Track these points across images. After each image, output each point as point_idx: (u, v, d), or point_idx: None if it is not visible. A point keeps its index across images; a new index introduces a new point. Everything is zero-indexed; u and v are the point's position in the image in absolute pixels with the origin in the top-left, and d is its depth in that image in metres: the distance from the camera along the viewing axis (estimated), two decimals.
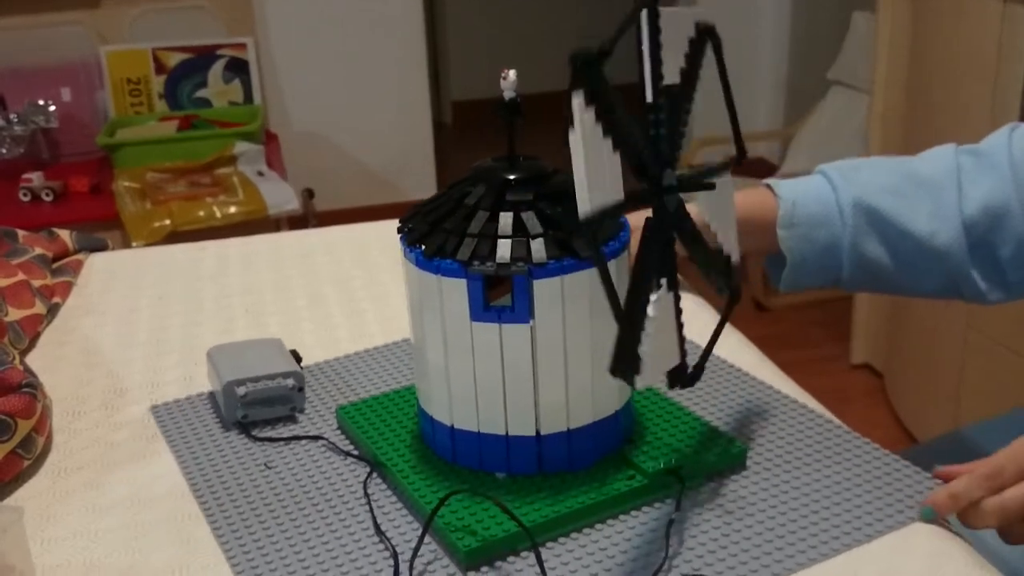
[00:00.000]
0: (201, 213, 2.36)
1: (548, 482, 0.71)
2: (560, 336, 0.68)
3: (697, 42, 0.66)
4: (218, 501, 0.75)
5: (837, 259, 0.89)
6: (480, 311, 0.68)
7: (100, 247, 1.29)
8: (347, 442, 0.81)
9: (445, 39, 4.66)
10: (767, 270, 0.95)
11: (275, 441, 0.82)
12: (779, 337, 2.59)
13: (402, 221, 0.74)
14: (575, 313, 0.68)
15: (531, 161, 0.71)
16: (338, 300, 1.10)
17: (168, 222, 2.32)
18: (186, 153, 2.61)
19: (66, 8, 2.87)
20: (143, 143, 2.66)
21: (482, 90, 4.40)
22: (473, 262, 0.67)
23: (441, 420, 0.73)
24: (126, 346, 1.02)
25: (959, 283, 0.89)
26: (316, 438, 0.82)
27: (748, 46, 3.78)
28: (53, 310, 1.10)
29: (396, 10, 3.34)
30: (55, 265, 1.19)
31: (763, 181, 0.91)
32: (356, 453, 0.79)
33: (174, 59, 2.93)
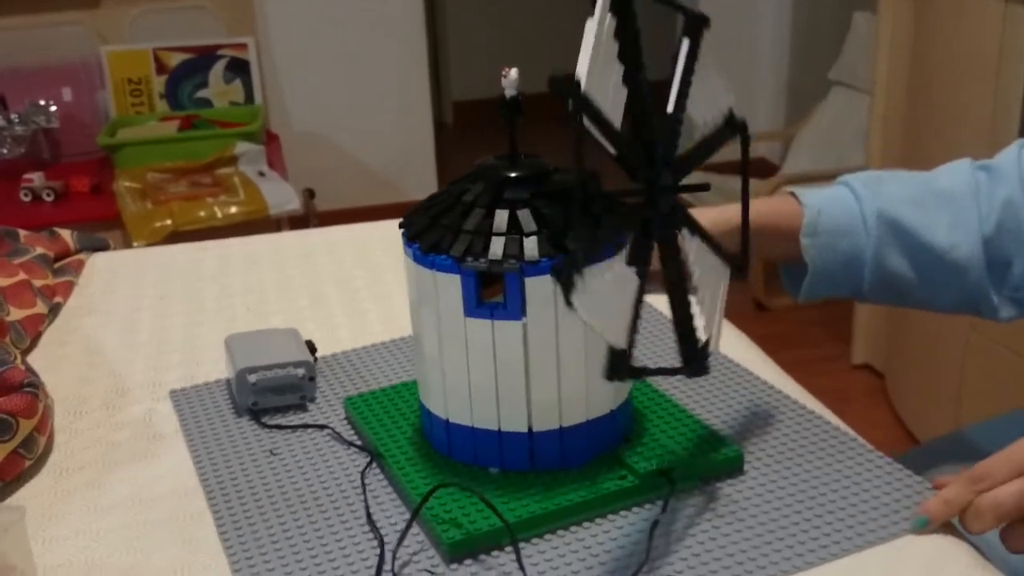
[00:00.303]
0: (202, 213, 2.36)
1: (540, 479, 0.72)
2: (552, 334, 0.68)
3: (724, 131, 0.68)
4: (220, 484, 0.76)
5: (859, 270, 0.88)
6: (473, 307, 0.68)
7: (101, 247, 1.29)
8: (352, 432, 0.82)
9: (446, 39, 4.66)
10: (784, 280, 0.95)
11: (283, 428, 0.83)
12: (780, 337, 2.59)
13: (405, 217, 0.74)
14: (568, 312, 0.67)
15: (532, 159, 0.71)
16: (340, 300, 1.10)
17: (169, 222, 2.32)
18: (187, 153, 2.61)
19: (67, 8, 2.87)
20: (144, 143, 2.66)
21: (483, 90, 4.40)
22: (467, 258, 0.67)
23: (437, 414, 0.74)
24: (128, 346, 1.02)
25: (976, 298, 0.88)
26: (322, 427, 0.83)
27: (749, 46, 3.78)
28: (55, 310, 1.10)
29: (397, 10, 3.35)
30: (56, 265, 1.19)
31: (787, 189, 0.91)
32: (359, 443, 0.80)
33: (175, 59, 2.93)
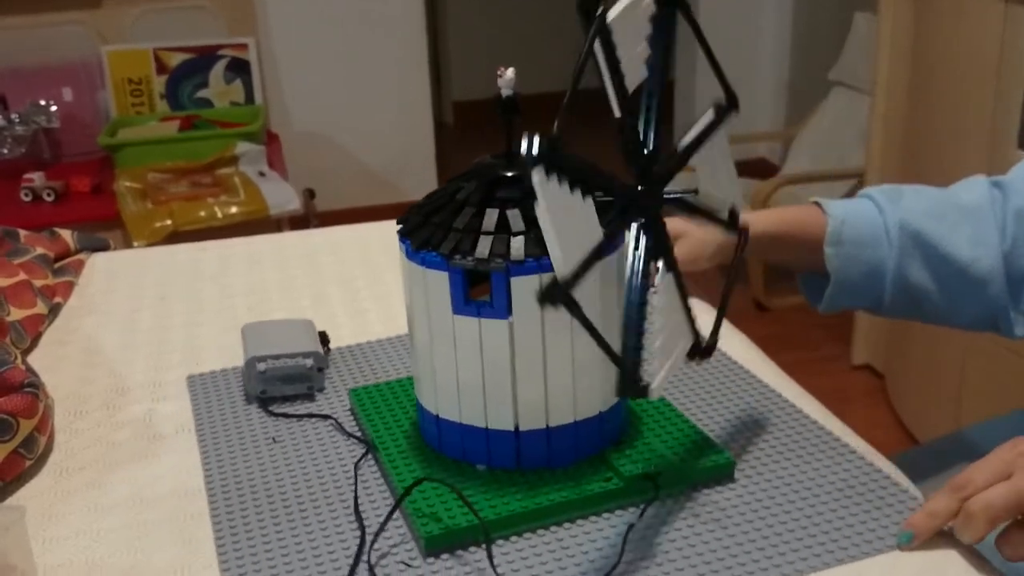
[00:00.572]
0: (202, 213, 2.36)
1: (525, 477, 0.72)
2: (539, 334, 0.68)
3: (660, 16, 0.64)
4: (220, 467, 0.79)
5: (880, 281, 0.88)
6: (461, 304, 0.69)
7: (102, 247, 1.29)
8: (355, 424, 0.83)
9: (446, 39, 4.66)
10: (803, 290, 0.94)
11: (289, 417, 0.85)
12: (780, 338, 2.59)
13: (404, 215, 0.75)
14: (554, 312, 0.67)
15: None
16: (341, 299, 1.10)
17: (169, 222, 2.32)
18: (187, 153, 2.61)
19: (67, 8, 2.87)
20: (144, 143, 2.66)
21: (483, 90, 4.40)
22: (455, 256, 0.68)
23: (428, 409, 0.75)
24: (128, 346, 1.02)
25: (995, 313, 0.88)
26: (326, 417, 0.85)
27: (749, 47, 3.78)
28: (55, 310, 1.10)
29: (397, 10, 3.35)
30: (57, 265, 1.20)
31: (811, 199, 0.91)
32: (359, 435, 0.82)
33: (175, 59, 2.93)
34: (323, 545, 0.68)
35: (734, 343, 0.95)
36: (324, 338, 0.93)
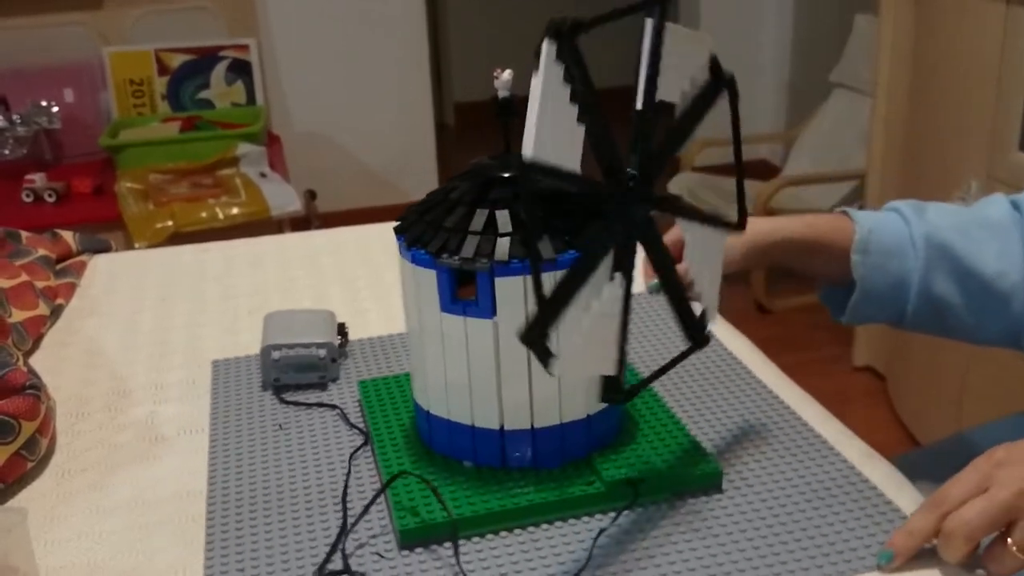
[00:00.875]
0: (203, 214, 2.36)
1: (509, 476, 0.72)
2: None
3: (711, 86, 0.66)
4: (225, 450, 0.81)
5: (905, 293, 0.88)
6: (448, 303, 0.69)
7: (103, 248, 1.29)
8: (360, 415, 0.84)
9: (447, 40, 4.66)
10: (825, 301, 0.94)
11: (299, 405, 0.87)
12: (782, 339, 2.59)
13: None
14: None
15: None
16: (343, 300, 1.10)
17: (170, 223, 2.32)
18: (189, 154, 2.61)
19: (69, 9, 2.87)
20: (146, 144, 2.66)
21: (484, 91, 4.38)
22: (442, 255, 0.68)
23: (420, 404, 0.76)
24: (129, 348, 1.02)
25: (1019, 330, 0.88)
26: (333, 407, 0.86)
27: (750, 48, 3.78)
28: (56, 311, 1.10)
29: (398, 11, 3.35)
30: (59, 266, 1.20)
31: (839, 209, 0.91)
32: (361, 426, 0.83)
33: (177, 60, 2.93)
34: (305, 532, 0.70)
35: (735, 345, 0.95)
36: (342, 330, 0.95)
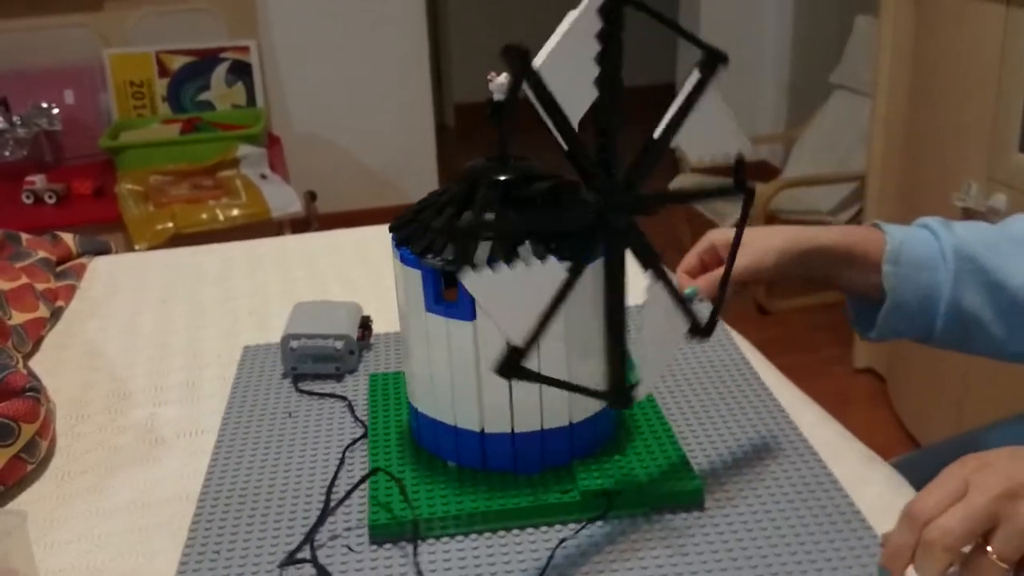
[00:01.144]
0: (204, 216, 2.36)
1: (488, 479, 0.72)
2: (504, 339, 0.68)
3: (606, 28, 0.62)
4: (233, 432, 0.83)
5: (934, 307, 0.88)
6: (432, 303, 0.70)
7: (103, 251, 1.29)
8: (367, 408, 0.85)
9: (448, 42, 4.66)
10: (851, 317, 0.94)
11: (312, 395, 0.89)
12: (782, 341, 2.59)
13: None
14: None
15: (522, 163, 0.71)
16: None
17: (171, 225, 2.32)
18: (189, 156, 2.61)
19: (69, 10, 2.88)
20: (146, 146, 2.66)
21: (484, 92, 4.36)
22: (427, 255, 0.69)
23: (411, 401, 0.77)
24: (129, 350, 1.02)
25: None
26: (342, 398, 0.87)
27: (751, 49, 3.78)
28: (56, 314, 1.10)
29: (398, 11, 3.35)
30: (59, 269, 1.20)
31: (871, 222, 0.91)
32: (364, 419, 0.84)
33: (177, 62, 2.93)
34: (286, 521, 0.71)
35: (736, 346, 0.95)
36: (366, 323, 0.96)
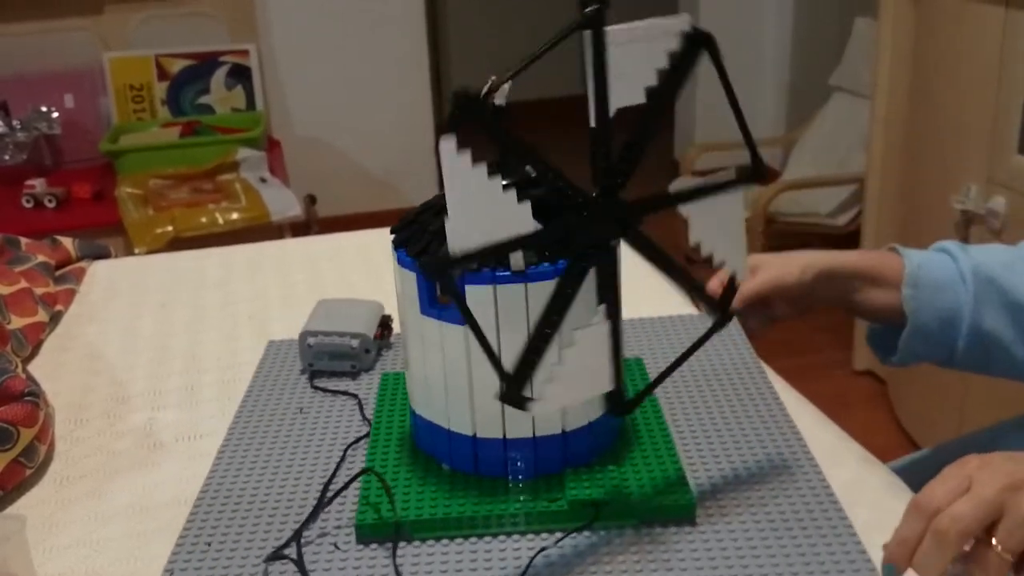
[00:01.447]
0: (203, 219, 2.36)
1: (480, 484, 0.72)
2: (494, 345, 0.67)
3: (685, 54, 0.64)
4: (244, 425, 0.84)
5: (956, 329, 0.88)
6: (427, 306, 0.70)
7: (103, 255, 1.29)
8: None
9: (447, 43, 4.67)
10: (871, 343, 0.94)
11: (325, 392, 0.89)
12: (782, 343, 2.59)
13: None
14: (510, 324, 0.66)
15: (521, 164, 0.71)
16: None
17: (171, 228, 2.32)
18: (189, 159, 2.62)
19: (69, 14, 2.88)
20: (146, 149, 2.67)
21: None
22: (421, 258, 0.69)
23: (410, 403, 0.77)
24: (129, 354, 1.02)
25: None
26: (353, 396, 0.88)
27: (750, 51, 3.78)
28: (56, 318, 1.10)
29: (398, 12, 3.35)
30: (58, 273, 1.20)
31: (888, 245, 0.91)
32: (371, 418, 0.84)
33: (177, 65, 2.93)
34: (279, 516, 0.71)
35: (737, 346, 0.95)
36: (386, 322, 0.96)
